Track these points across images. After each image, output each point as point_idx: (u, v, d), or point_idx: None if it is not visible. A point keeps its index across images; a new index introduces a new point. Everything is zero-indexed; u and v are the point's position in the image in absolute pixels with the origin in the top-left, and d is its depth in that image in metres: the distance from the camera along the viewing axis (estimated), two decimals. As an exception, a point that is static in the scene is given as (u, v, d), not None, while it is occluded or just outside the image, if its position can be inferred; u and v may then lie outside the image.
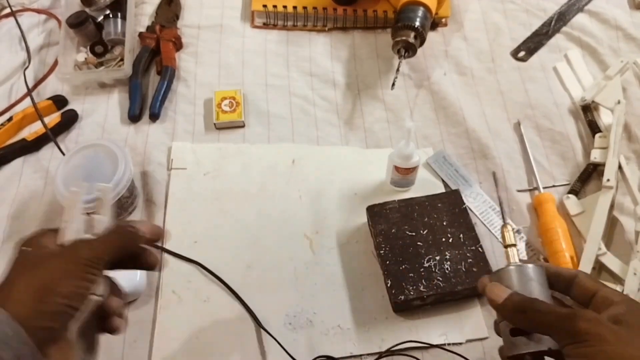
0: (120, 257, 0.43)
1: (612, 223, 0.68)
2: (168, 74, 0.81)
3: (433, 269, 0.62)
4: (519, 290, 0.43)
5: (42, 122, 0.74)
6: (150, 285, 0.65)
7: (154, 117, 0.78)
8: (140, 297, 0.64)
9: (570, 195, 0.70)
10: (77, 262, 0.40)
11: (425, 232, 0.65)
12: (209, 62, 0.84)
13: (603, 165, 0.70)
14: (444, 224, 0.65)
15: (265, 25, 0.88)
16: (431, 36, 0.86)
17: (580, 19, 0.88)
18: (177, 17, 0.88)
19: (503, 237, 0.49)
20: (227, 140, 0.77)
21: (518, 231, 0.68)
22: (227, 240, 0.69)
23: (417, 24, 0.76)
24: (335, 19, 0.87)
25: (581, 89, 0.80)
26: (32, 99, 0.76)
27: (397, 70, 0.78)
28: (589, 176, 0.72)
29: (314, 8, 0.86)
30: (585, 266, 0.63)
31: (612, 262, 0.63)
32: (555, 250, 0.64)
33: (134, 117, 0.78)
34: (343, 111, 0.80)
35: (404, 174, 0.68)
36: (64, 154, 0.72)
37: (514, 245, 0.48)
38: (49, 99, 0.79)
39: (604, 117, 0.77)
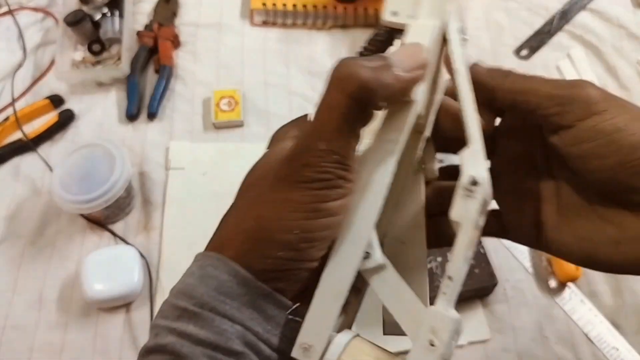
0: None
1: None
2: (166, 72, 0.80)
3: (434, 270, 0.61)
4: None
5: (22, 132, 0.73)
6: (150, 285, 0.64)
7: (152, 116, 0.77)
8: (139, 298, 0.63)
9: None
10: (294, 181, 0.26)
11: (426, 232, 0.64)
12: (207, 60, 0.84)
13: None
14: (446, 224, 0.65)
15: (265, 24, 0.87)
16: (432, 34, 0.85)
17: (582, 17, 0.87)
18: (175, 15, 0.88)
19: None
20: (226, 139, 0.76)
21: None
22: (226, 241, 0.68)
23: (418, 22, 0.76)
24: (335, 17, 0.86)
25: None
26: (14, 109, 0.75)
27: (398, 69, 0.77)
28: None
29: (314, 6, 0.85)
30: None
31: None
32: (558, 251, 0.64)
33: (131, 116, 0.77)
34: (343, 110, 0.79)
35: (404, 174, 0.68)
36: (50, 168, 0.71)
37: None
38: (46, 98, 0.78)
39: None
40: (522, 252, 0.66)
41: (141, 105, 0.79)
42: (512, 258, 0.66)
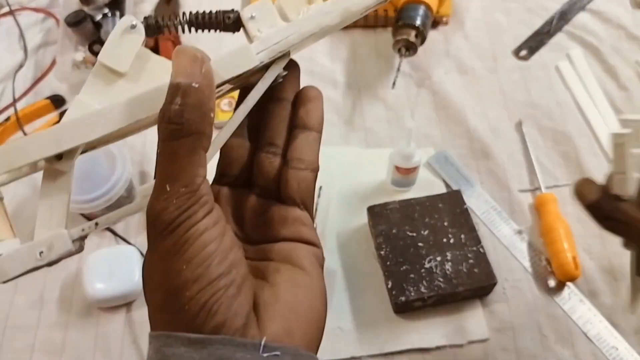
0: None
1: None
2: (167, 73, 0.80)
3: (434, 270, 0.61)
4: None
5: (23, 132, 0.74)
6: (149, 286, 0.64)
7: (153, 116, 0.78)
8: (140, 297, 0.64)
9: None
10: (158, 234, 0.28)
11: (426, 232, 0.64)
12: (208, 61, 0.84)
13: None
14: (445, 224, 0.65)
15: (265, 24, 0.88)
16: (432, 35, 0.85)
17: (581, 17, 0.87)
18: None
19: None
20: (227, 139, 0.76)
21: (519, 232, 0.68)
22: (226, 241, 0.68)
23: (418, 22, 0.76)
24: (335, 18, 0.87)
25: (583, 88, 0.79)
26: (15, 109, 0.76)
27: (398, 69, 0.78)
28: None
29: (314, 7, 0.86)
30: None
31: None
32: (558, 251, 0.64)
33: (132, 117, 0.77)
34: (343, 111, 0.79)
35: (404, 174, 0.68)
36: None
37: None
38: (46, 98, 0.78)
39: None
40: (521, 252, 0.66)
41: (142, 105, 0.79)
42: (511, 257, 0.66)
